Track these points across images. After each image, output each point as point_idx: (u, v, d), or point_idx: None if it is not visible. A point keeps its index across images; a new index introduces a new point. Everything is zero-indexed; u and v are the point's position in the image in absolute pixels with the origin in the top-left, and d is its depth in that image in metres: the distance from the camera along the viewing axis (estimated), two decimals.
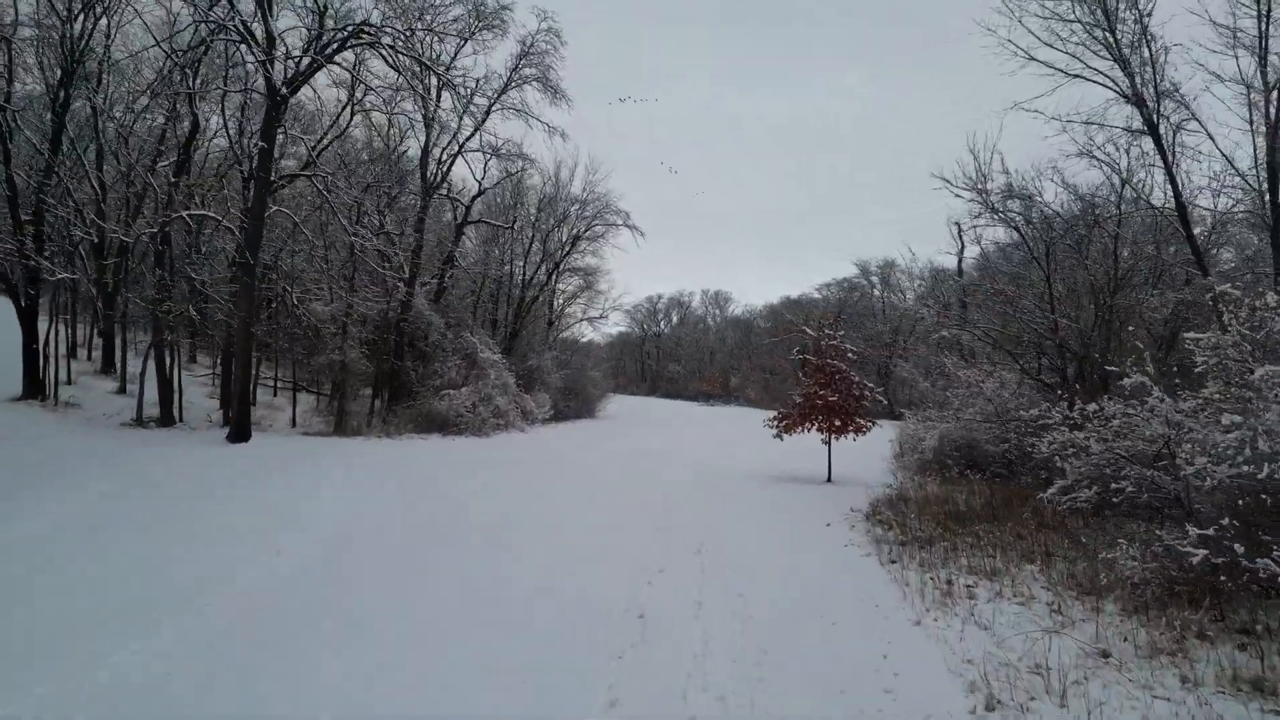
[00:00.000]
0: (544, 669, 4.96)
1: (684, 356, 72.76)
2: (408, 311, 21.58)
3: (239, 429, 14.90)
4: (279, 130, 14.53)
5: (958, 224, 30.91)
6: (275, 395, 23.55)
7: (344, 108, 19.51)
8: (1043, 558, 7.87)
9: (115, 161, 18.87)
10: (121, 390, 19.14)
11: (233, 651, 5.12)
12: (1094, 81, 11.36)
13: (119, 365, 19.87)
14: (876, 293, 54.05)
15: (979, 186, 12.24)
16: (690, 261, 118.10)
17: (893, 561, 8.03)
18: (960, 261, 31.15)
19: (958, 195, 12.24)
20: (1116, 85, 11.14)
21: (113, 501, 9.69)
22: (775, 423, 15.31)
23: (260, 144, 14.50)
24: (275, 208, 15.74)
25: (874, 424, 15.12)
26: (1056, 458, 8.28)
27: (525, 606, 6.22)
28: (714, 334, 74.17)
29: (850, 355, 15.63)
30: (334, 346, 18.72)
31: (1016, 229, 12.04)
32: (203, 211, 15.28)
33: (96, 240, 18.96)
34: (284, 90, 14.15)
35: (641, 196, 66.43)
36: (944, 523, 10.30)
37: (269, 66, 13.75)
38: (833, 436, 14.99)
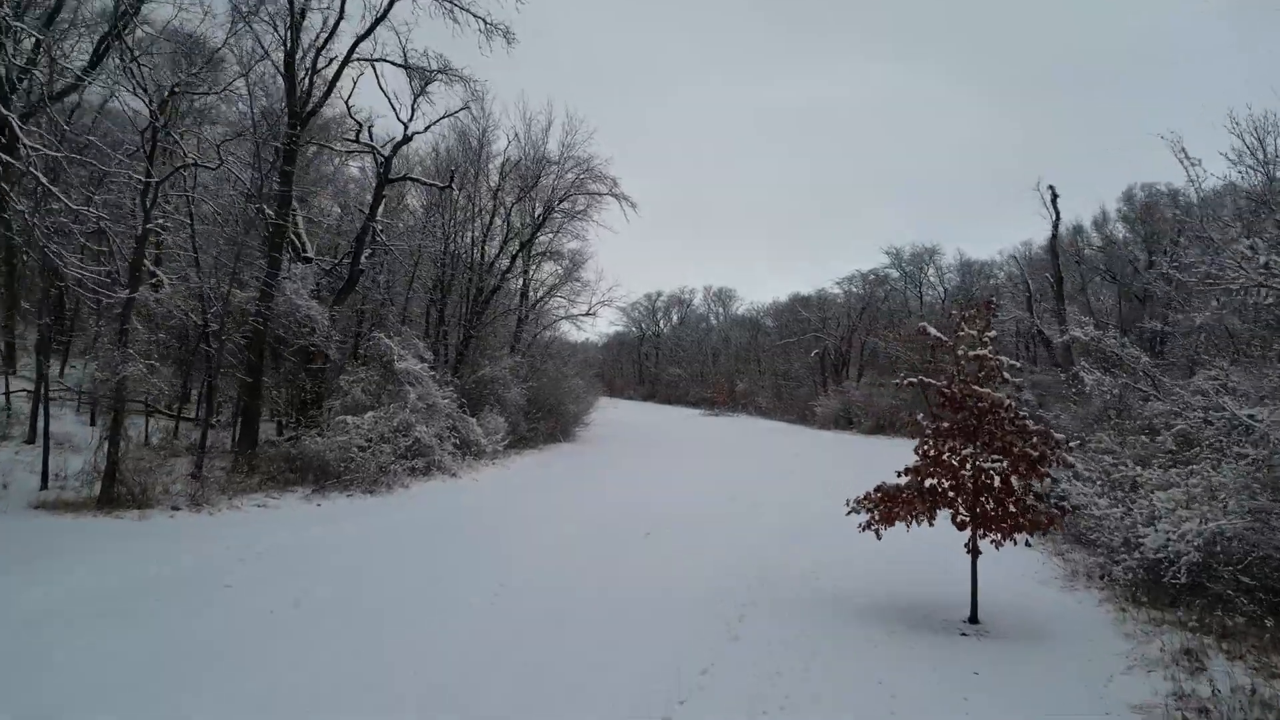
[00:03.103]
0: None
1: (685, 359, 65.54)
2: (269, 302, 14.14)
3: None
4: None
5: (1051, 187, 23.42)
6: (93, 423, 16.15)
7: None
8: None
9: None
10: None
11: None
12: None
13: None
14: (916, 286, 46.48)
15: None
16: (691, 259, 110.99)
17: None
18: (1055, 238, 23.73)
19: None
20: None
21: None
22: (869, 506, 7.95)
23: None
24: None
25: (1067, 510, 7.80)
26: None
27: None
28: (717, 334, 66.85)
29: (1006, 375, 8.27)
30: (107, 357, 11.32)
31: None
32: None
33: None
34: None
35: (641, 193, 59.03)
36: None
37: None
38: (984, 534, 7.62)
